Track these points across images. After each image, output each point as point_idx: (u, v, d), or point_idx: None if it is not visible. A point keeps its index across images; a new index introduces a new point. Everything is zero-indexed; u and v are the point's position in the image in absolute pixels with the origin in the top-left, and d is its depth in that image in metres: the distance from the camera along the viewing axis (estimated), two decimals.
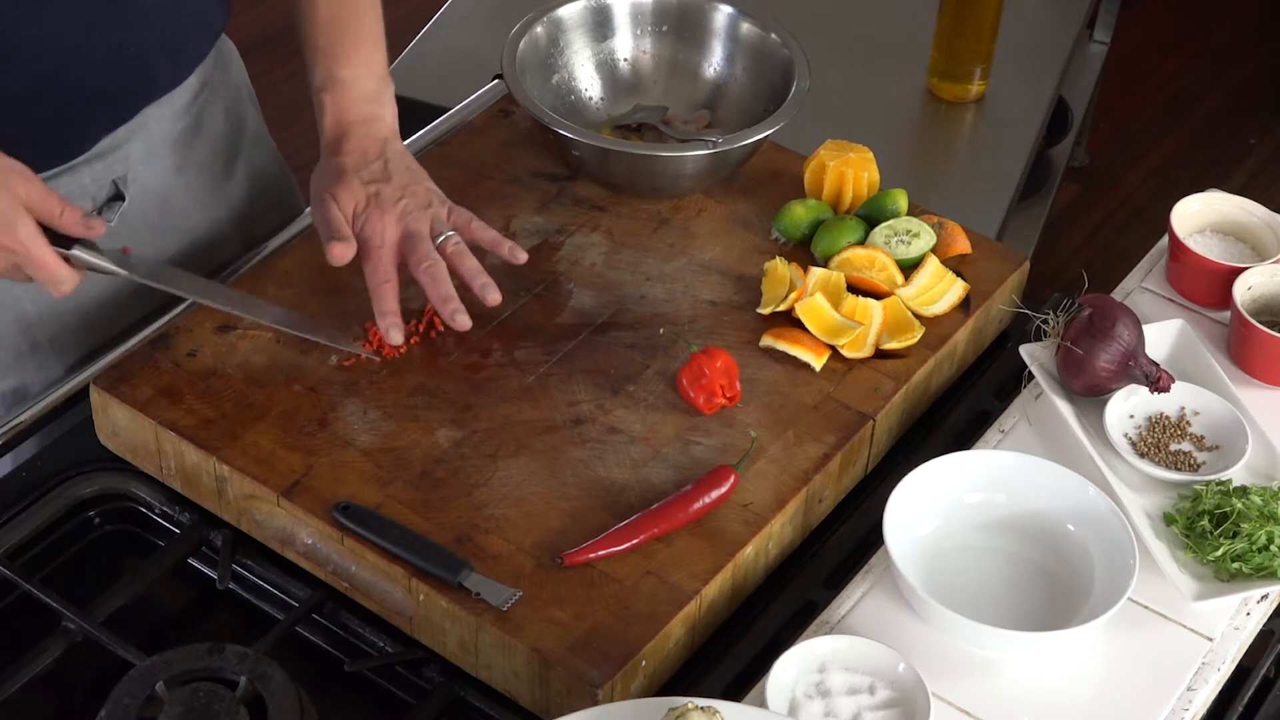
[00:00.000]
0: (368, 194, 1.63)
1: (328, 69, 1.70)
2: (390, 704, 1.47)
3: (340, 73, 1.69)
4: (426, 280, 1.61)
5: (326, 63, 1.70)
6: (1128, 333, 1.63)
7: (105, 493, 1.61)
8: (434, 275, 1.61)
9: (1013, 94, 2.76)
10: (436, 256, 1.62)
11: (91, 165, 1.69)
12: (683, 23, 1.93)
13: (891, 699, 1.39)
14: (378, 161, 1.66)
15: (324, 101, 1.69)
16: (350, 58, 1.70)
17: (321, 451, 1.54)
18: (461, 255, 1.63)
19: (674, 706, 1.30)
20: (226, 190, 1.86)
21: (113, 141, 1.70)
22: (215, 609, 1.56)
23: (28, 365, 1.73)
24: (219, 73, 1.84)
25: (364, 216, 1.62)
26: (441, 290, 1.60)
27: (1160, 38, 4.27)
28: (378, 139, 1.68)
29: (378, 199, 1.63)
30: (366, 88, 1.70)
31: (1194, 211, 1.83)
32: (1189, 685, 1.45)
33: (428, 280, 1.60)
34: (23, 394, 1.73)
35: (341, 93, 1.69)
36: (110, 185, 1.72)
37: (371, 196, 1.63)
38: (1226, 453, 1.62)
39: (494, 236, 1.66)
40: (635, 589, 1.45)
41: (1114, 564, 1.48)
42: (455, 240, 1.64)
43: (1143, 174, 3.90)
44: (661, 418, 1.60)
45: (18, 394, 1.73)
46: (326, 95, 1.69)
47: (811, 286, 1.69)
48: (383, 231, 1.62)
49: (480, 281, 1.63)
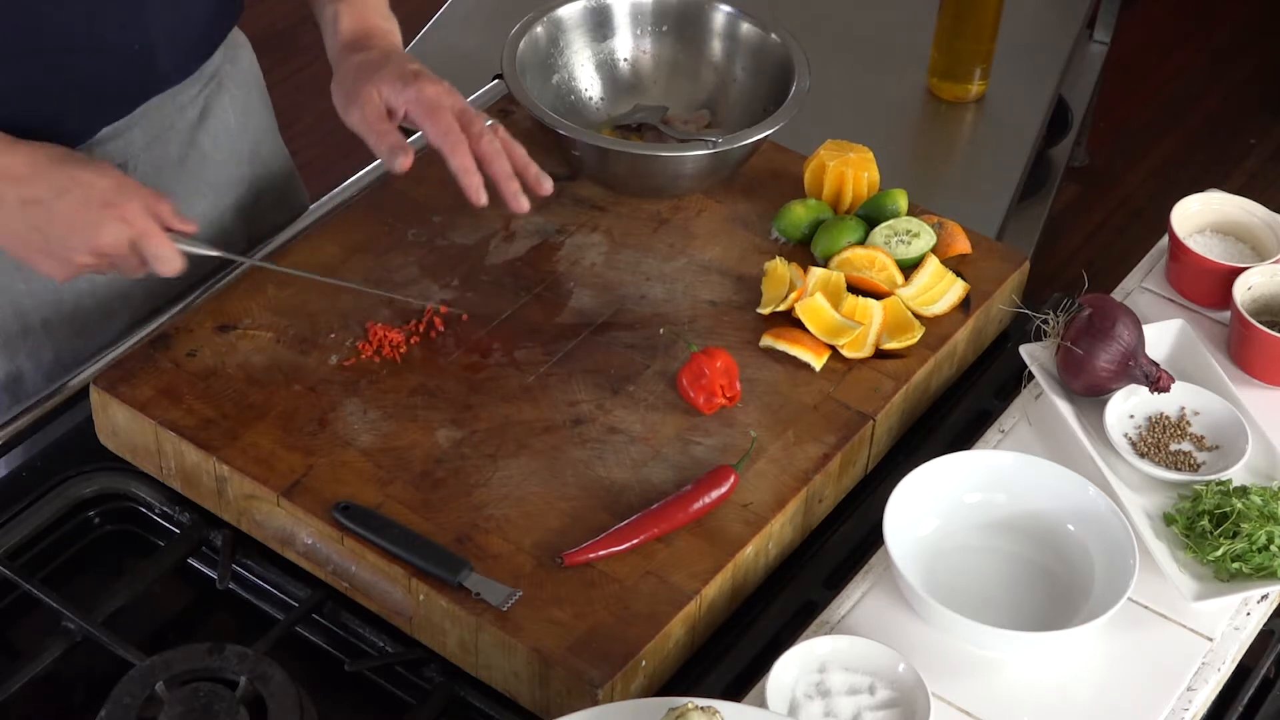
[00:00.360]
0: (414, 69, 1.61)
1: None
2: (390, 704, 1.47)
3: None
4: (488, 154, 1.59)
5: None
6: (1128, 333, 1.63)
7: (105, 493, 1.61)
8: (495, 150, 1.59)
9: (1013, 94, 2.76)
10: (492, 135, 1.60)
11: (92, 151, 1.69)
12: (683, 23, 1.93)
13: (891, 699, 1.39)
14: (408, 56, 1.65)
15: (340, 10, 1.69)
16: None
17: (321, 451, 1.54)
18: (511, 143, 1.62)
19: (674, 706, 1.30)
20: (232, 182, 1.86)
21: (115, 129, 1.70)
22: (215, 609, 1.56)
23: (19, 349, 1.72)
24: (229, 65, 1.84)
25: (415, 85, 1.60)
26: (503, 166, 1.59)
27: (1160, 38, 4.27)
28: (396, 45, 1.68)
29: (425, 73, 1.61)
30: (379, 6, 1.71)
31: (1194, 211, 1.83)
32: (1189, 685, 1.45)
33: (489, 154, 1.59)
34: (16, 377, 1.73)
35: (358, 4, 1.69)
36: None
37: (419, 71, 1.61)
38: (1226, 453, 1.62)
39: (523, 154, 1.64)
40: (635, 589, 1.45)
41: (1114, 564, 1.48)
42: (502, 130, 1.62)
43: (1143, 174, 3.90)
44: (661, 418, 1.60)
45: (11, 377, 1.73)
46: (343, 4, 1.69)
47: (811, 286, 1.69)
48: (438, 96, 1.59)
49: (534, 170, 1.61)
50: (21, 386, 1.72)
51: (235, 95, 1.85)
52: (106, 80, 1.65)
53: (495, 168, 1.59)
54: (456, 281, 1.68)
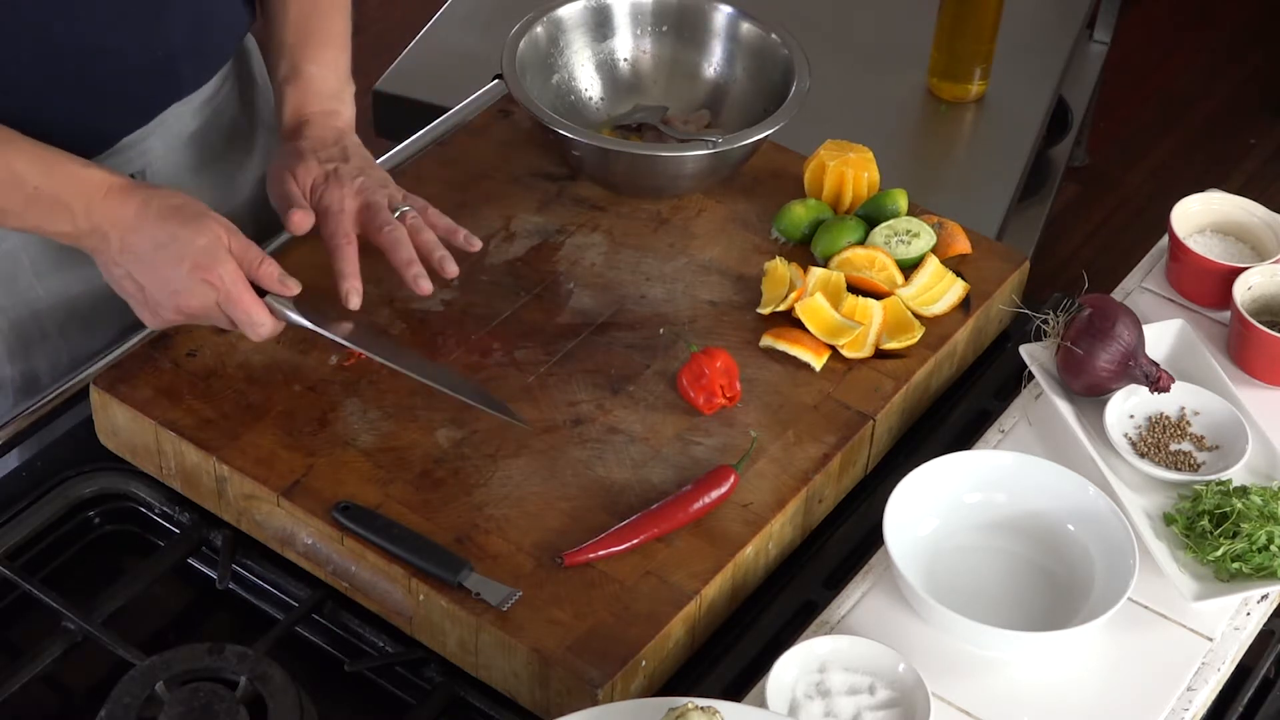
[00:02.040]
0: (325, 170, 1.65)
1: (293, 63, 1.73)
2: (390, 704, 1.47)
3: (306, 67, 1.72)
4: (388, 244, 1.61)
5: (293, 57, 1.73)
6: (1128, 333, 1.63)
7: (105, 493, 1.61)
8: (395, 239, 1.61)
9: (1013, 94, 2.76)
10: (397, 223, 1.62)
11: (112, 159, 1.70)
12: (683, 23, 1.93)
13: (891, 699, 1.39)
14: (335, 147, 1.68)
15: (285, 93, 1.72)
16: (317, 55, 1.73)
17: (321, 451, 1.54)
18: (420, 228, 1.64)
19: (674, 706, 1.30)
20: (243, 181, 1.87)
21: (133, 137, 1.71)
22: (215, 609, 1.56)
23: (35, 351, 1.73)
24: (243, 70, 1.85)
25: (322, 188, 1.64)
26: (404, 254, 1.60)
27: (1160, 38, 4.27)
28: (335, 129, 1.70)
29: (336, 174, 1.64)
30: (329, 84, 1.73)
31: (1194, 211, 1.83)
32: (1189, 685, 1.45)
33: (389, 244, 1.61)
34: (31, 378, 1.73)
35: (304, 86, 1.72)
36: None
37: (330, 173, 1.64)
38: (1226, 453, 1.62)
39: (449, 224, 1.67)
40: (635, 589, 1.45)
41: (1114, 564, 1.48)
42: (413, 214, 1.64)
43: (1143, 174, 3.90)
44: (661, 418, 1.60)
45: (26, 378, 1.74)
46: (289, 87, 1.72)
47: (811, 286, 1.69)
48: (341, 199, 1.63)
49: (439, 254, 1.63)
50: (36, 388, 1.73)
51: (248, 99, 1.86)
52: (127, 90, 1.66)
53: (394, 258, 1.61)
54: (456, 281, 1.68)
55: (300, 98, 1.71)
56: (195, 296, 1.53)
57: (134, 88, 1.67)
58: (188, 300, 1.53)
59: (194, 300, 1.53)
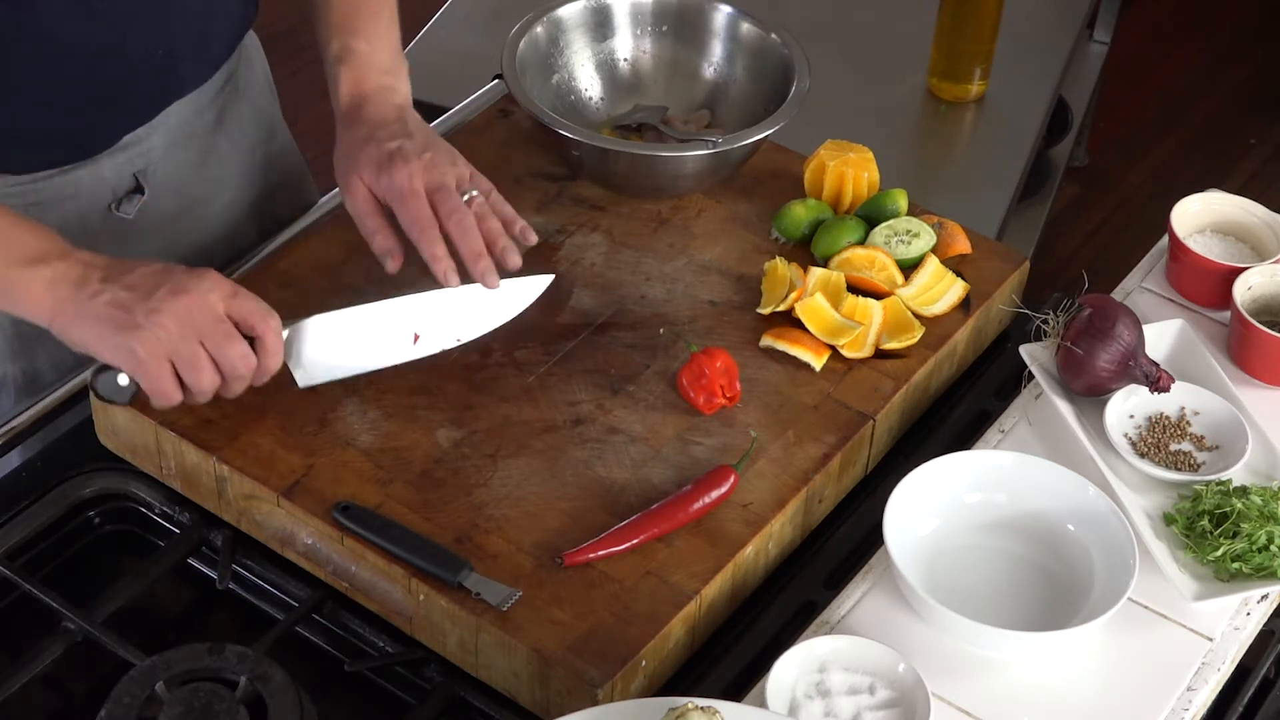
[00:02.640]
0: (389, 150, 1.61)
1: (343, 42, 1.69)
2: (390, 704, 1.47)
3: (356, 45, 1.69)
4: (457, 232, 1.58)
5: (342, 36, 1.70)
6: (1128, 333, 1.63)
7: (105, 493, 1.61)
8: (464, 227, 1.58)
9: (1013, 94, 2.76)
10: (465, 212, 1.59)
11: (113, 157, 1.70)
12: (683, 23, 1.93)
13: (891, 699, 1.39)
14: (396, 124, 1.64)
15: (339, 73, 1.69)
16: (366, 30, 1.70)
17: (321, 451, 1.54)
18: (485, 214, 1.61)
19: (674, 706, 1.30)
20: (247, 182, 1.86)
21: (135, 136, 1.71)
22: (215, 609, 1.56)
23: (37, 350, 1.73)
24: (243, 67, 1.85)
25: (389, 169, 1.60)
26: (473, 245, 1.58)
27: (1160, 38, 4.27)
28: (394, 105, 1.67)
29: (401, 152, 1.61)
30: (382, 60, 1.70)
31: (1194, 211, 1.83)
32: (1189, 685, 1.45)
33: (458, 232, 1.58)
34: (33, 376, 1.73)
35: (357, 64, 1.69)
36: (130, 178, 1.73)
37: (394, 152, 1.61)
38: (1226, 453, 1.62)
39: (510, 212, 1.64)
40: (635, 589, 1.45)
41: (1114, 564, 1.48)
42: (480, 199, 1.62)
43: (1143, 174, 3.90)
44: (661, 418, 1.60)
45: (28, 377, 1.73)
46: (342, 66, 1.69)
47: (811, 286, 1.69)
48: (408, 180, 1.59)
49: (502, 243, 1.60)
50: (38, 386, 1.73)
51: (250, 97, 1.86)
52: (130, 87, 1.65)
53: (463, 247, 1.58)
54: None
55: (355, 75, 1.68)
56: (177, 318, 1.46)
57: (136, 86, 1.66)
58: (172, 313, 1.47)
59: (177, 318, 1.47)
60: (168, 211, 1.77)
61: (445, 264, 1.57)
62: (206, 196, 1.82)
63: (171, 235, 1.78)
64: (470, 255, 1.58)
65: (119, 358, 1.47)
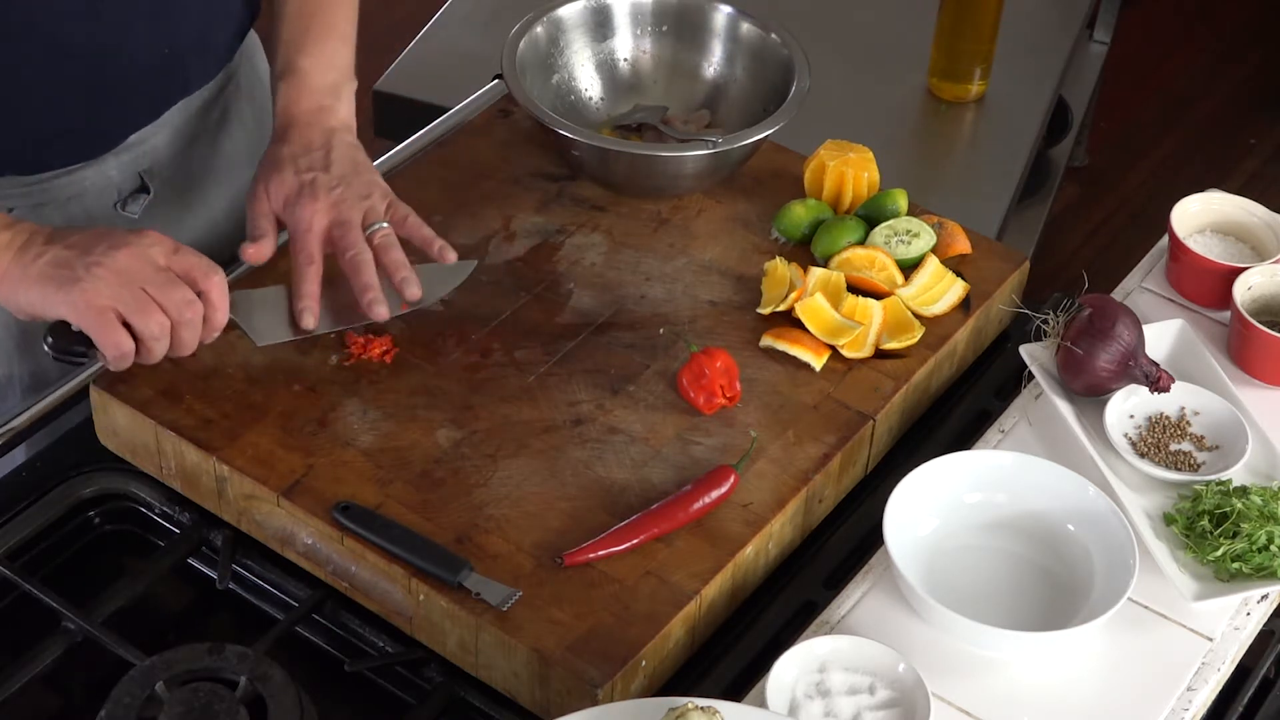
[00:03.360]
0: (301, 182, 1.63)
1: (288, 58, 1.71)
2: (390, 704, 1.47)
3: (300, 62, 1.70)
4: (349, 268, 1.61)
5: (288, 53, 1.71)
6: (1128, 333, 1.63)
7: (105, 493, 1.61)
8: (356, 264, 1.61)
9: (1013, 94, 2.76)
10: (363, 245, 1.61)
11: (119, 157, 1.70)
12: (683, 23, 1.93)
13: (891, 699, 1.39)
14: (319, 151, 1.65)
15: (279, 89, 1.70)
16: (312, 49, 1.71)
17: (321, 451, 1.54)
18: (388, 247, 1.63)
19: (674, 706, 1.30)
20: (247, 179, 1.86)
21: (140, 135, 1.71)
22: (215, 609, 1.56)
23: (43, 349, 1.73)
24: (245, 65, 1.85)
25: (295, 203, 1.62)
26: (362, 279, 1.60)
27: (1160, 38, 4.27)
28: (324, 129, 1.67)
29: (311, 186, 1.62)
30: (324, 80, 1.70)
31: (1194, 211, 1.83)
32: (1189, 685, 1.45)
33: (350, 268, 1.61)
34: (40, 377, 1.73)
35: (297, 82, 1.69)
36: (136, 178, 1.73)
37: (306, 184, 1.63)
38: (1226, 453, 1.62)
39: (428, 235, 1.65)
40: (635, 589, 1.45)
41: (1114, 564, 1.48)
42: (385, 232, 1.63)
43: (1143, 174, 3.90)
44: (661, 418, 1.60)
45: (35, 377, 1.74)
46: (282, 83, 1.70)
47: (811, 286, 1.69)
48: (310, 217, 1.61)
49: (401, 275, 1.62)
50: (43, 385, 1.73)
51: (253, 96, 1.86)
52: (135, 88, 1.66)
53: (353, 280, 1.61)
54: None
55: (291, 95, 1.69)
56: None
57: (141, 86, 1.66)
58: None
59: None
60: (173, 210, 1.78)
61: (303, 303, 1.60)
62: (211, 194, 1.82)
63: (176, 233, 1.77)
64: (358, 288, 1.60)
65: (63, 311, 1.49)
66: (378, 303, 1.60)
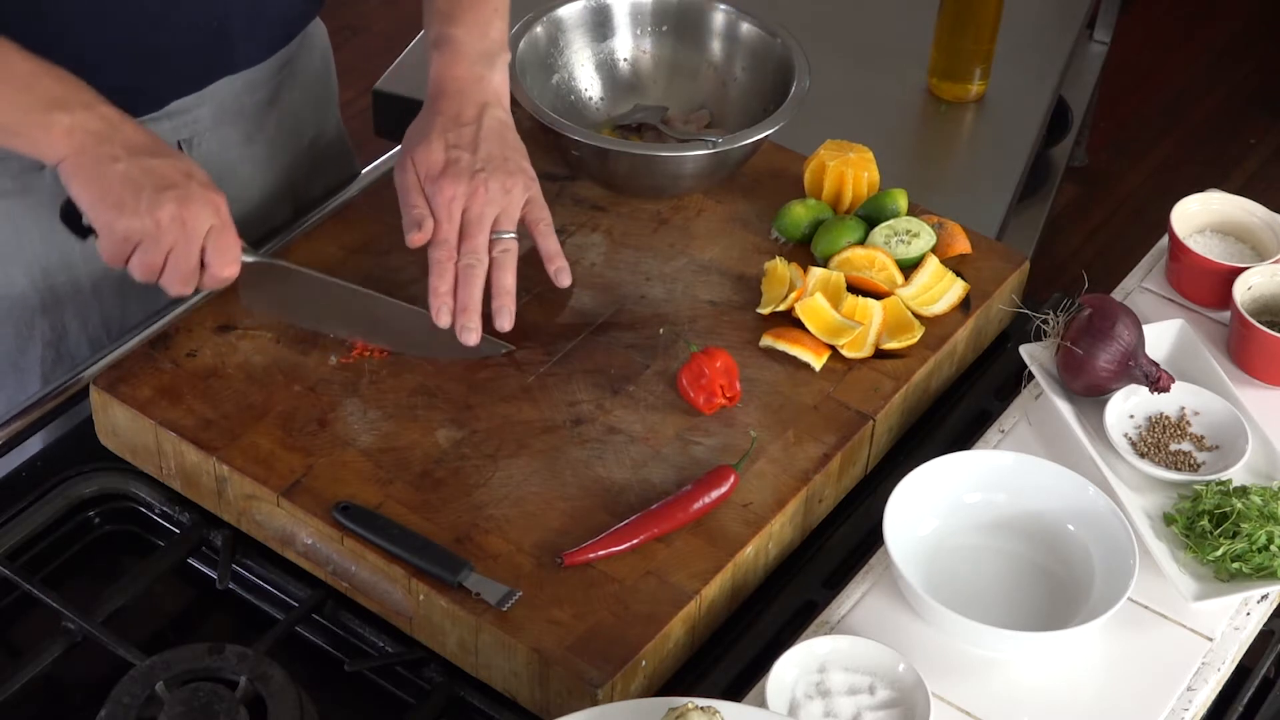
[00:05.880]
0: (447, 159, 1.61)
1: (441, 29, 1.69)
2: (390, 704, 1.47)
3: (452, 31, 1.68)
4: (462, 277, 1.59)
5: (441, 24, 1.69)
6: (1128, 333, 1.63)
7: (105, 493, 1.61)
8: (467, 277, 1.59)
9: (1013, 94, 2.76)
10: (482, 254, 1.60)
11: (159, 124, 1.70)
12: (683, 23, 1.93)
13: (891, 699, 1.39)
14: (469, 127, 1.64)
15: (431, 59, 1.68)
16: (464, 18, 1.69)
17: (321, 451, 1.54)
18: (502, 267, 1.61)
19: (674, 706, 1.30)
20: (291, 163, 1.87)
21: (183, 104, 1.71)
22: (215, 609, 1.56)
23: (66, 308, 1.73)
24: (304, 55, 1.85)
25: (439, 180, 1.61)
26: (467, 297, 1.59)
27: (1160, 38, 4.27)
28: (476, 102, 1.66)
29: (456, 166, 1.61)
30: (476, 48, 1.68)
31: (1194, 211, 1.83)
32: (1189, 685, 1.45)
33: (463, 278, 1.59)
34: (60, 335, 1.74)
35: (450, 51, 1.68)
36: (175, 146, 1.72)
37: (450, 162, 1.61)
38: (1226, 453, 1.62)
39: (553, 249, 1.65)
40: (635, 589, 1.45)
41: (1114, 564, 1.48)
42: (506, 246, 1.62)
43: (1143, 174, 3.90)
44: (661, 418, 1.60)
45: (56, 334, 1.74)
46: (435, 52, 1.68)
47: (811, 286, 1.69)
48: (450, 201, 1.60)
49: (499, 303, 1.61)
50: (65, 345, 1.73)
51: (307, 86, 1.86)
52: (179, 54, 1.66)
53: (459, 294, 1.60)
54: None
55: (444, 62, 1.67)
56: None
57: (185, 56, 1.66)
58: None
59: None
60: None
61: (440, 301, 1.59)
62: (249, 173, 1.82)
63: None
64: (457, 307, 1.59)
65: (99, 222, 1.52)
66: (468, 330, 1.59)
